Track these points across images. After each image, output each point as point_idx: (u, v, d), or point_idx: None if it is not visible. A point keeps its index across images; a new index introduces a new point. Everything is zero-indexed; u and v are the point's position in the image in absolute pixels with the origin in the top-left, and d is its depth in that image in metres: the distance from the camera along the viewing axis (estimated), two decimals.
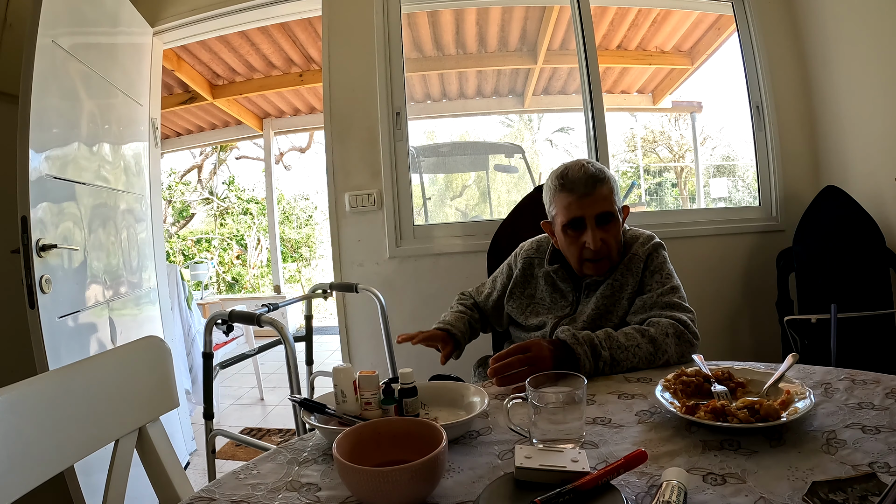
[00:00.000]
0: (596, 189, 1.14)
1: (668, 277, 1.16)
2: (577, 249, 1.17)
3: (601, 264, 1.17)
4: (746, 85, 2.31)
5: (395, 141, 2.17)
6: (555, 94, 4.10)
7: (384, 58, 2.17)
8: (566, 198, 1.16)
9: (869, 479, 0.54)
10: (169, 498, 0.77)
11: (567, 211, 1.16)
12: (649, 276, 1.16)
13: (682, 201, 7.23)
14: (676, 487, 0.53)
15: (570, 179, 1.16)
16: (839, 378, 0.85)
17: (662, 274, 1.16)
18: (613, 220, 1.16)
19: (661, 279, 1.15)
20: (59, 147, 1.69)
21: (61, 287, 1.62)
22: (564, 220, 1.17)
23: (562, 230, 1.19)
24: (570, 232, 1.18)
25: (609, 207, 1.16)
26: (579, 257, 1.18)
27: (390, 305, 1.97)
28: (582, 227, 1.16)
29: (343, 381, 0.77)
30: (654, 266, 1.17)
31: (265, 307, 1.50)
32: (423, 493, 0.58)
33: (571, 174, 1.16)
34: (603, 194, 1.15)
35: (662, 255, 1.20)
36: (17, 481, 0.60)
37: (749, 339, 2.27)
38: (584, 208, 1.15)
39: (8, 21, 1.97)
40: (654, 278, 1.16)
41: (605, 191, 1.15)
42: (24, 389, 0.64)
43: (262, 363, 3.64)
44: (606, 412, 0.81)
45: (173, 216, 8.23)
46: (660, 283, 1.14)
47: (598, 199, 1.14)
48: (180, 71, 3.57)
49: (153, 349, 0.84)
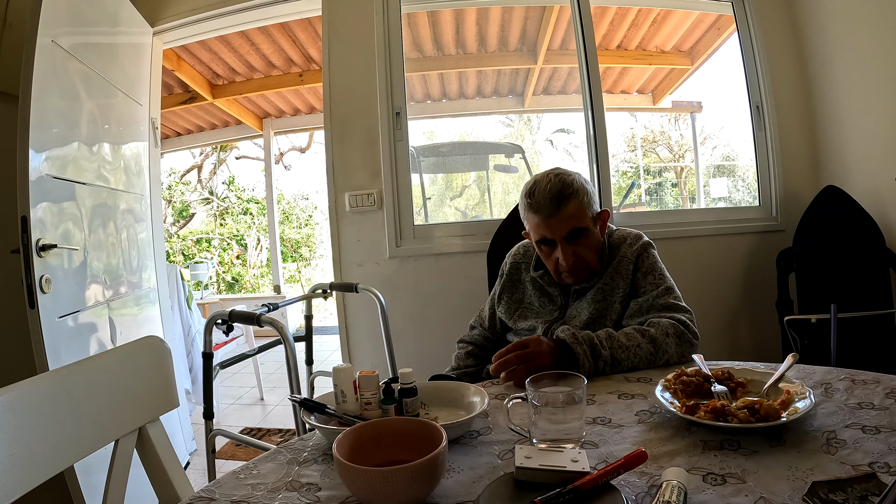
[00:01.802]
0: (561, 208, 1.13)
1: (661, 278, 1.15)
2: (552, 263, 1.18)
3: (578, 274, 1.17)
4: (746, 85, 2.31)
5: (395, 141, 2.17)
6: (555, 94, 4.10)
7: (384, 58, 2.17)
8: (534, 218, 1.16)
9: (869, 479, 0.54)
10: (169, 498, 0.77)
11: (536, 230, 1.17)
12: (642, 278, 1.16)
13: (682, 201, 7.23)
14: (676, 487, 0.53)
15: (535, 200, 1.15)
16: (839, 378, 0.85)
17: (655, 275, 1.15)
18: (585, 234, 1.15)
19: (654, 280, 1.15)
20: (59, 147, 1.69)
21: (61, 287, 1.62)
22: (535, 238, 1.19)
23: (536, 244, 1.21)
24: (544, 248, 1.19)
25: (577, 224, 1.14)
26: (555, 270, 1.19)
27: (390, 305, 1.97)
28: (553, 244, 1.16)
29: (343, 380, 0.77)
30: (646, 267, 1.16)
31: (265, 307, 1.50)
32: (423, 493, 0.58)
33: (538, 193, 1.15)
34: (569, 212, 1.13)
35: (652, 254, 1.19)
36: (17, 481, 0.60)
37: (749, 339, 2.26)
38: (550, 229, 1.14)
39: (8, 21, 1.97)
40: (647, 280, 1.15)
41: (571, 208, 1.13)
42: (24, 389, 0.64)
43: (262, 363, 3.64)
44: (606, 412, 0.81)
45: (173, 216, 8.23)
46: (653, 285, 1.14)
47: (564, 218, 1.13)
48: (180, 71, 3.57)
49: (153, 349, 0.84)
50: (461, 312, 2.12)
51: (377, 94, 2.16)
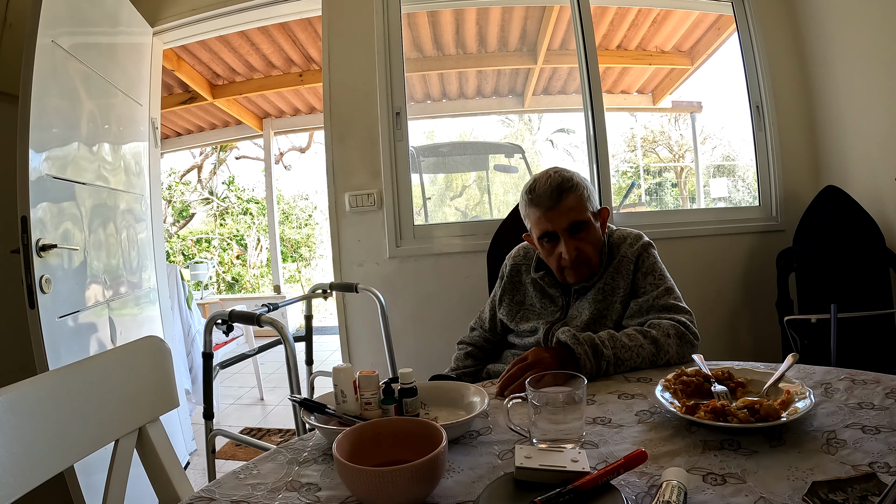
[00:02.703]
0: (562, 200, 1.14)
1: (661, 279, 1.15)
2: (554, 260, 1.18)
3: (580, 271, 1.17)
4: (746, 85, 2.31)
5: (395, 141, 2.17)
6: (555, 94, 4.10)
7: (384, 58, 2.17)
8: (535, 212, 1.17)
9: (869, 479, 0.54)
10: (169, 498, 0.77)
11: (538, 225, 1.18)
12: (642, 278, 1.16)
13: (682, 201, 7.22)
14: (676, 487, 0.53)
15: (536, 194, 1.16)
16: (839, 378, 0.85)
17: (655, 275, 1.16)
18: (586, 228, 1.16)
19: (654, 280, 1.15)
20: (59, 147, 1.69)
21: (61, 287, 1.62)
22: (537, 234, 1.19)
23: (538, 242, 1.21)
24: (546, 244, 1.18)
25: (578, 216, 1.15)
26: (558, 267, 1.19)
27: (390, 305, 1.97)
28: (555, 238, 1.16)
29: (343, 380, 0.77)
30: (646, 267, 1.17)
31: (265, 307, 1.50)
32: (423, 493, 0.58)
33: (538, 187, 1.16)
34: (569, 205, 1.14)
35: (653, 254, 1.19)
36: (17, 481, 0.60)
37: (749, 339, 2.26)
38: (552, 221, 1.15)
39: (8, 21, 1.97)
40: (647, 280, 1.15)
41: (571, 201, 1.14)
42: (24, 389, 0.64)
43: (262, 363, 3.64)
44: (606, 412, 0.81)
45: (173, 216, 8.23)
46: (654, 286, 1.14)
47: (565, 211, 1.14)
48: (180, 71, 3.58)
49: (153, 349, 0.84)
50: (461, 312, 2.13)
51: (377, 94, 2.16)
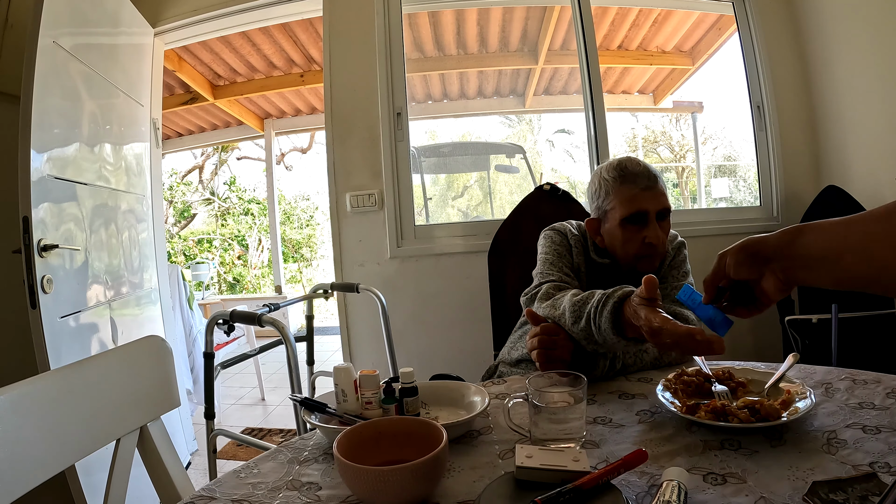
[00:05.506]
0: (657, 183, 1.12)
1: (684, 276, 1.17)
2: (635, 245, 1.11)
3: (654, 260, 1.14)
4: (747, 85, 2.31)
5: (396, 141, 2.18)
6: (556, 95, 4.10)
7: (385, 58, 2.18)
8: (629, 190, 1.11)
9: (869, 479, 0.54)
10: (170, 497, 0.77)
11: (630, 203, 1.10)
12: (668, 270, 1.17)
13: (684, 201, 7.22)
14: (677, 487, 0.53)
15: (630, 171, 1.11)
16: (840, 378, 0.84)
17: (680, 271, 1.17)
18: (667, 218, 1.14)
19: (677, 275, 1.17)
20: (60, 147, 1.69)
21: (62, 287, 1.63)
22: (625, 213, 1.10)
23: (619, 224, 1.12)
24: (630, 226, 1.11)
25: (668, 203, 1.13)
26: (637, 253, 1.12)
27: (391, 305, 1.97)
28: (643, 221, 1.10)
29: (344, 380, 0.77)
30: (675, 262, 1.18)
31: (266, 307, 1.50)
32: (423, 493, 0.58)
33: (631, 166, 1.12)
34: (661, 189, 1.13)
35: (683, 253, 1.21)
36: (17, 481, 0.60)
37: (749, 339, 2.26)
38: (647, 201, 1.10)
39: (9, 21, 1.98)
40: (672, 273, 1.17)
41: (661, 186, 1.13)
42: (25, 389, 0.64)
43: (264, 363, 3.64)
44: (607, 412, 0.81)
45: (174, 216, 8.24)
46: (675, 279, 1.16)
47: (659, 195, 1.12)
48: (181, 71, 3.58)
49: (154, 349, 0.84)
50: (462, 313, 2.13)
51: (378, 94, 2.16)
